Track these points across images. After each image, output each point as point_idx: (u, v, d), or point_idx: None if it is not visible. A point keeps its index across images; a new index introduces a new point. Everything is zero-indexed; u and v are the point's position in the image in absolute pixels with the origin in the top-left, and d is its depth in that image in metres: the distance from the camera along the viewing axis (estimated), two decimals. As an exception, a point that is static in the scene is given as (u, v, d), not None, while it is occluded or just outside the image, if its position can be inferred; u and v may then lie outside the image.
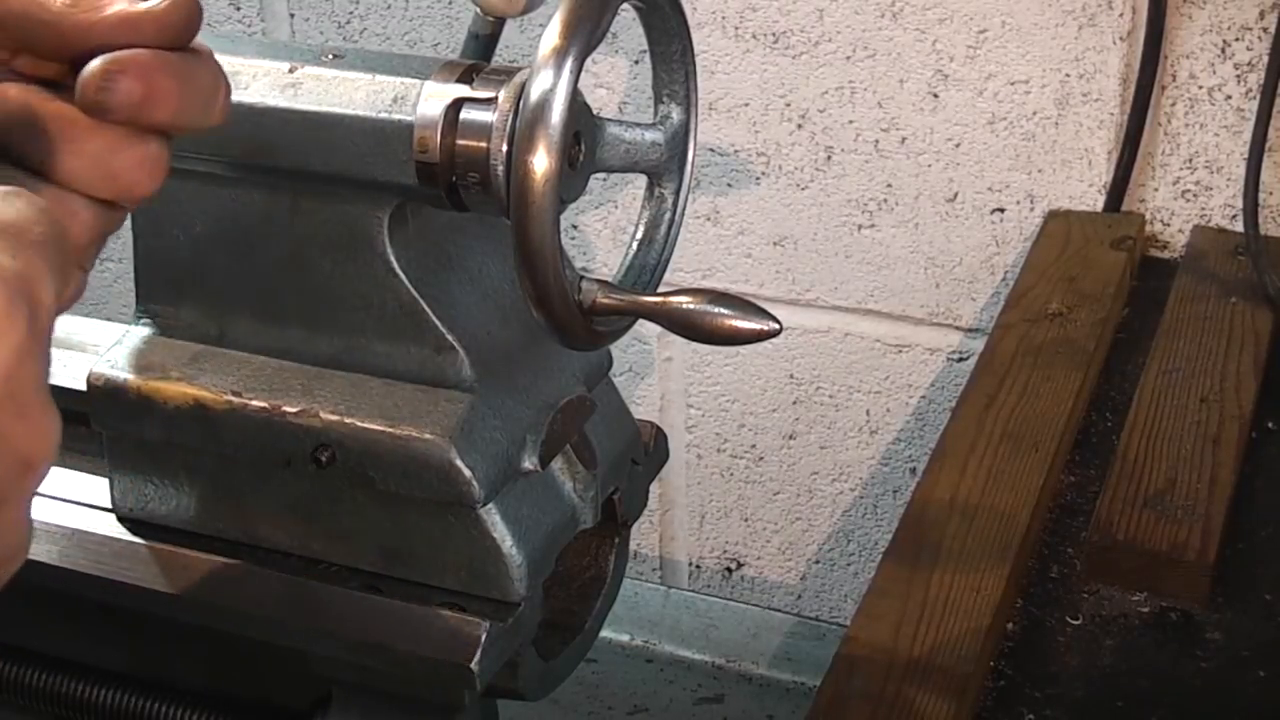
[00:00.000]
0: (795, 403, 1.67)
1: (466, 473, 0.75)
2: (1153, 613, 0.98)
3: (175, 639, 0.89)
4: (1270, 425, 1.16)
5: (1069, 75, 1.42)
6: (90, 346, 0.93)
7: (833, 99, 1.51)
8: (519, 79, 0.71)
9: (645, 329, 1.19)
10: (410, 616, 0.78)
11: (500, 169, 0.70)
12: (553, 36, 0.67)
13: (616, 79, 1.58)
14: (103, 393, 0.81)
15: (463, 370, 0.77)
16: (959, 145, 1.48)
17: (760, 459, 1.72)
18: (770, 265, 1.61)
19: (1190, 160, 1.43)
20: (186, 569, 0.83)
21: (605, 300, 0.73)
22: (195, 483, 0.83)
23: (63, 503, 0.87)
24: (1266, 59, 1.33)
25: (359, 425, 0.77)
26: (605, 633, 0.97)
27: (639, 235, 0.79)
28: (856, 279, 1.58)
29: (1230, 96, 1.39)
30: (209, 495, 0.83)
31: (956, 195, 1.50)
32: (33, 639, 0.92)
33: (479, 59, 0.92)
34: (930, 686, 0.90)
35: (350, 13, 1.67)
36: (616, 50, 1.56)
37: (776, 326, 0.70)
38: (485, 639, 0.77)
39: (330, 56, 0.75)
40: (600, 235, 1.67)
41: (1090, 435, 1.18)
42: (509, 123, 0.70)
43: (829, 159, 1.53)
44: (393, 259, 0.76)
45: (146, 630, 0.88)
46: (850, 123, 1.51)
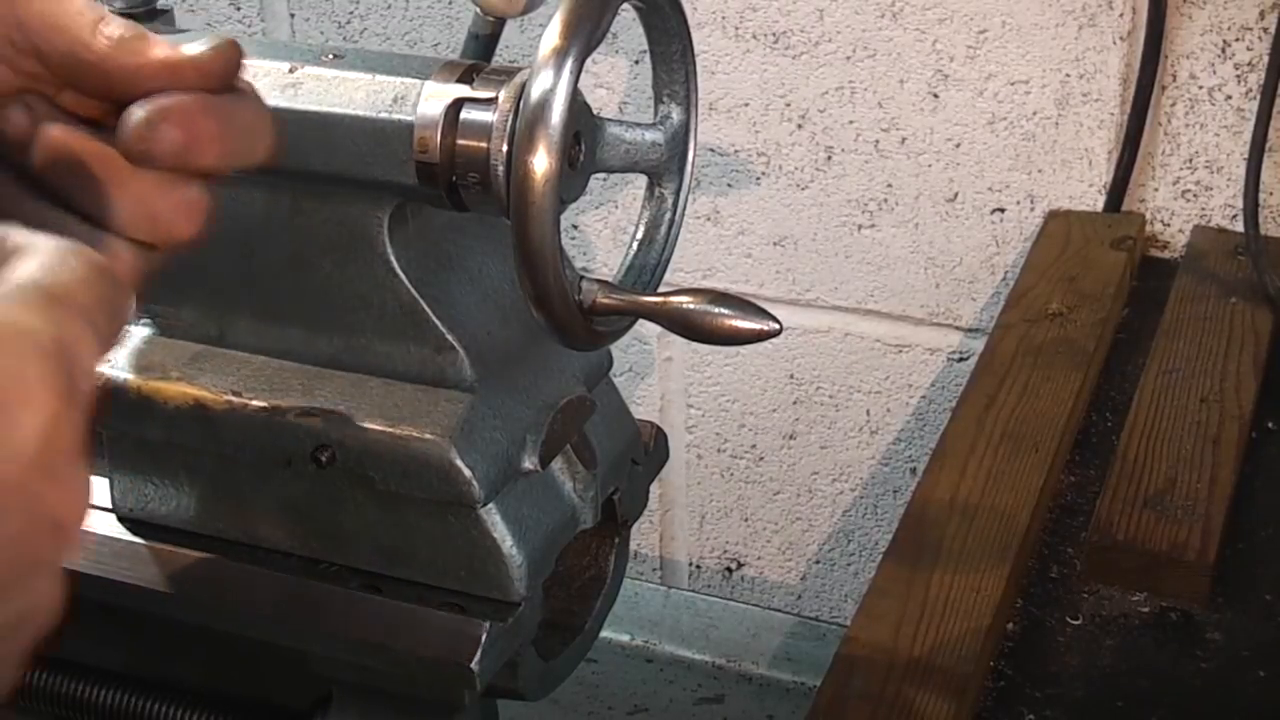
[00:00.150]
0: (795, 403, 1.67)
1: (466, 473, 0.75)
2: (1153, 613, 0.98)
3: (175, 639, 0.89)
4: (1270, 425, 1.16)
5: (1069, 75, 1.42)
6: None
7: (833, 99, 1.51)
8: (519, 79, 0.71)
9: (645, 329, 1.19)
10: (410, 616, 0.78)
11: (500, 169, 0.70)
12: (553, 36, 0.67)
13: (616, 79, 1.58)
14: (102, 393, 0.81)
15: (463, 370, 0.77)
16: (959, 145, 1.48)
17: (760, 459, 1.72)
18: (770, 265, 1.61)
19: (1190, 160, 1.43)
20: (186, 569, 0.83)
21: (605, 300, 0.73)
22: (195, 483, 0.83)
23: (62, 503, 0.86)
24: (1266, 59, 1.33)
25: (359, 425, 0.77)
26: (605, 633, 0.97)
27: (639, 235, 0.79)
28: (856, 279, 1.58)
29: (1230, 96, 1.39)
30: (209, 495, 0.83)
31: (956, 195, 1.50)
32: (32, 639, 0.92)
33: (479, 59, 0.92)
34: (930, 686, 0.90)
35: (350, 13, 1.67)
36: (616, 50, 1.56)
37: (776, 326, 0.70)
38: (485, 639, 0.77)
39: (330, 56, 0.75)
40: (600, 235, 1.67)
41: (1090, 435, 1.18)
42: (509, 123, 0.70)
43: (829, 159, 1.53)
44: (393, 259, 0.76)
45: (146, 630, 0.87)
46: (850, 123, 1.51)
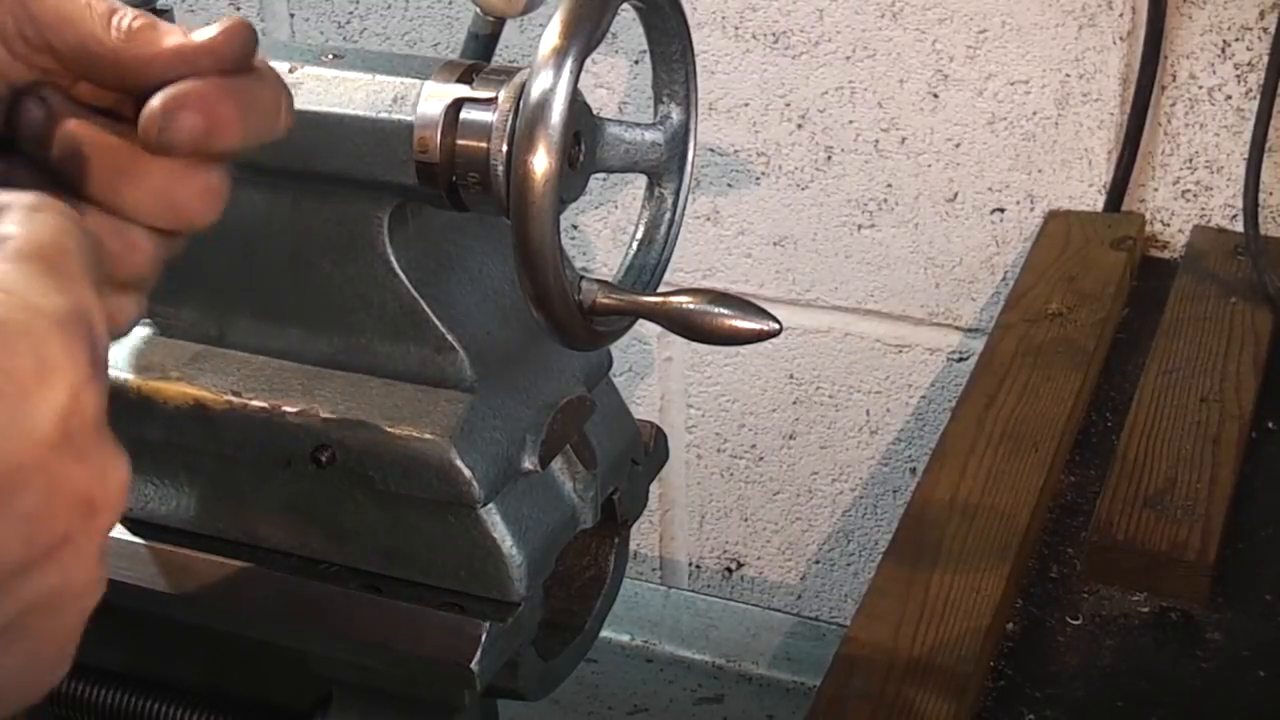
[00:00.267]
0: (795, 403, 1.67)
1: (466, 473, 0.75)
2: (1153, 613, 0.98)
3: (175, 639, 0.89)
4: (1270, 425, 1.16)
5: (1069, 75, 1.42)
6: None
7: (833, 99, 1.51)
8: (519, 79, 0.71)
9: (645, 329, 1.19)
10: (410, 616, 0.78)
11: (500, 169, 0.70)
12: (553, 36, 0.67)
13: (616, 79, 1.58)
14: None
15: (463, 370, 0.77)
16: (959, 145, 1.48)
17: (760, 459, 1.72)
18: (770, 265, 1.61)
19: (1190, 160, 1.43)
20: (186, 569, 0.83)
21: (605, 300, 0.73)
22: (195, 483, 0.83)
23: (63, 503, 0.86)
24: (1266, 59, 1.33)
25: (359, 425, 0.77)
26: (605, 633, 0.97)
27: (639, 235, 0.79)
28: (856, 279, 1.58)
29: (1230, 96, 1.39)
30: (209, 495, 0.83)
31: (956, 195, 1.50)
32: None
33: (479, 59, 0.92)
34: (930, 686, 0.90)
35: (350, 13, 1.67)
36: (616, 50, 1.56)
37: (776, 326, 0.70)
38: (485, 639, 0.77)
39: (330, 56, 0.75)
40: (600, 235, 1.67)
41: (1090, 435, 1.18)
42: (509, 123, 0.70)
43: (829, 159, 1.53)
44: (393, 259, 0.76)
45: (146, 630, 0.87)
46: (850, 123, 1.51)
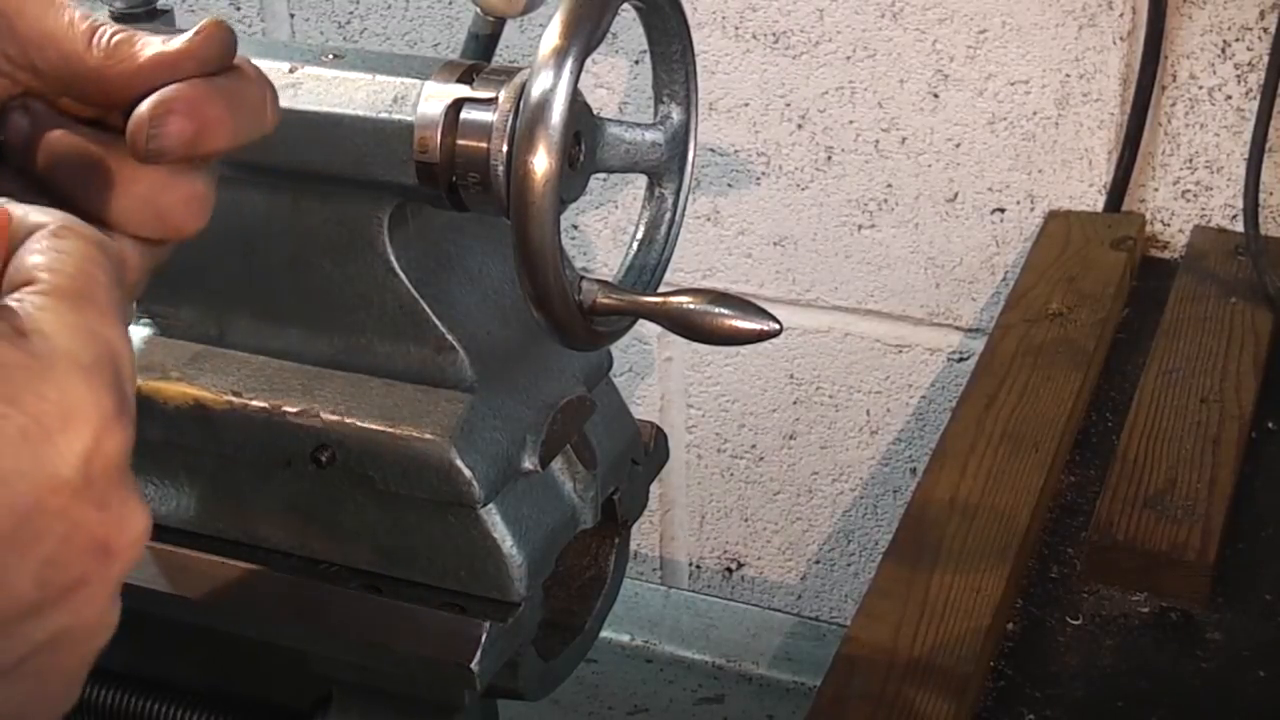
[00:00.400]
0: (795, 403, 1.67)
1: (466, 473, 0.75)
2: (1153, 613, 0.98)
3: (175, 639, 0.89)
4: (1270, 425, 1.16)
5: (1069, 75, 1.42)
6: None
7: (833, 99, 1.51)
8: (519, 79, 0.71)
9: (645, 329, 1.19)
10: (410, 616, 0.78)
11: (500, 169, 0.70)
12: (553, 36, 0.67)
13: (616, 79, 1.58)
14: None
15: (463, 370, 0.77)
16: (959, 145, 1.48)
17: (760, 459, 1.72)
18: (770, 265, 1.61)
19: (1190, 160, 1.43)
20: (186, 569, 0.83)
21: (605, 300, 0.73)
22: (195, 483, 0.83)
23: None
24: (1266, 59, 1.33)
25: (359, 425, 0.77)
26: (605, 633, 0.97)
27: (639, 235, 0.79)
28: (856, 279, 1.58)
29: (1230, 96, 1.39)
30: (209, 495, 0.83)
31: (956, 195, 1.50)
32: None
33: (479, 59, 0.92)
34: (930, 686, 0.89)
35: (350, 13, 1.67)
36: (616, 50, 1.56)
37: (776, 326, 0.70)
38: (485, 639, 0.77)
39: (330, 56, 0.75)
40: (600, 235, 1.67)
41: (1090, 435, 1.18)
42: (509, 123, 0.70)
43: (829, 159, 1.53)
44: (393, 259, 0.76)
45: (146, 630, 0.87)
46: (850, 123, 1.51)
